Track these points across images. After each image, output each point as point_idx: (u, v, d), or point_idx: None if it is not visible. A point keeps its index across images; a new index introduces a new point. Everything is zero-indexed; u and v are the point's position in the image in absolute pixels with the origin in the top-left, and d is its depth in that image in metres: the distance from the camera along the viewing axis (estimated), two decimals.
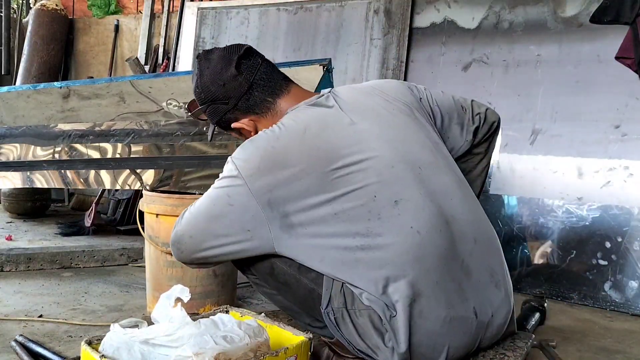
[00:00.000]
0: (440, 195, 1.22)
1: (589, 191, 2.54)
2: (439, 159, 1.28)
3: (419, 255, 1.15)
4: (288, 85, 1.37)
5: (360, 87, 1.41)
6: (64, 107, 2.47)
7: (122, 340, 1.17)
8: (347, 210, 1.16)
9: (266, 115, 1.34)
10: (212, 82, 1.33)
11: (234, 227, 1.21)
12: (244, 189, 1.19)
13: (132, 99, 2.33)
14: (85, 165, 2.44)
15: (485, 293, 1.23)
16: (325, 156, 1.19)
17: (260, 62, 1.35)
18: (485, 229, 1.29)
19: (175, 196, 2.01)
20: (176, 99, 2.24)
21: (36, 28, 4.45)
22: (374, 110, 1.30)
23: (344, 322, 1.23)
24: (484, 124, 1.44)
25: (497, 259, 1.29)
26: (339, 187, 1.17)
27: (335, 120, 1.25)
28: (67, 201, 4.65)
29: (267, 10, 3.66)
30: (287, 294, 1.36)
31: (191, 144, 2.24)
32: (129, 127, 2.39)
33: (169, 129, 2.32)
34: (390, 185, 1.18)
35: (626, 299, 2.38)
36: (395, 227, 1.16)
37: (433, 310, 1.15)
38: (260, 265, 1.35)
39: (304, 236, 1.19)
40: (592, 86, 2.59)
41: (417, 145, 1.26)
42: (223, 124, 1.40)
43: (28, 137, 2.63)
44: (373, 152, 1.20)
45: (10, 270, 2.61)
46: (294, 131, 1.23)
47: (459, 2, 2.99)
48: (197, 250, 1.26)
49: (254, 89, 1.32)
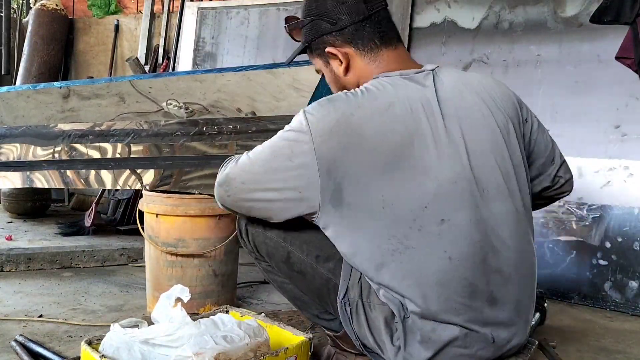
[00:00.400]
0: (490, 224, 1.14)
1: (589, 191, 2.54)
2: (510, 184, 1.18)
3: (444, 281, 1.11)
4: (398, 43, 1.26)
5: (468, 78, 1.27)
6: (64, 107, 2.46)
7: (122, 340, 1.17)
8: (395, 209, 1.10)
9: (365, 56, 1.24)
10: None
11: (287, 184, 1.15)
12: (309, 147, 1.11)
13: (132, 99, 2.33)
14: (85, 165, 2.43)
15: (507, 323, 1.19)
16: (398, 144, 1.11)
17: (385, 5, 1.26)
18: (525, 263, 1.21)
19: (175, 196, 2.01)
20: (176, 99, 2.23)
21: (36, 28, 4.45)
22: (469, 110, 1.19)
23: (357, 314, 1.20)
24: (556, 189, 1.37)
25: (527, 291, 1.23)
26: (397, 183, 1.10)
27: (422, 104, 1.14)
28: (67, 201, 4.64)
29: (267, 10, 3.66)
30: (301, 283, 1.32)
31: (191, 143, 2.24)
32: (129, 127, 2.39)
33: (168, 129, 2.31)
34: (443, 201, 1.11)
35: (626, 299, 2.38)
36: (429, 246, 1.11)
37: (448, 328, 1.13)
38: (275, 252, 1.31)
39: (347, 219, 1.14)
40: (592, 86, 2.59)
41: (493, 164, 1.16)
42: (317, 45, 1.27)
43: (28, 137, 2.62)
44: (442, 160, 1.12)
45: (10, 270, 2.61)
46: (377, 104, 1.13)
47: (459, 2, 2.99)
48: (245, 199, 1.22)
49: (369, 23, 1.22)
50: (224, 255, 2.05)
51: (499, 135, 1.19)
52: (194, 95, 2.21)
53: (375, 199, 1.11)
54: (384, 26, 1.25)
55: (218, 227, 2.01)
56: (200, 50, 3.92)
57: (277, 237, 1.31)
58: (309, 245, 1.27)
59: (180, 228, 1.98)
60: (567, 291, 2.51)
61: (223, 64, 3.80)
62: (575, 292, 2.49)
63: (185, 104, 2.24)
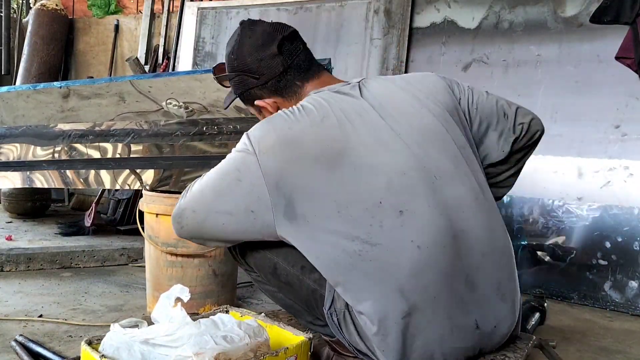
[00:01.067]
0: (452, 208, 1.16)
1: (589, 191, 2.54)
2: (460, 167, 1.20)
3: (417, 271, 1.11)
4: (319, 72, 1.34)
5: (394, 79, 1.33)
6: (63, 106, 2.46)
7: (122, 340, 1.17)
8: (351, 211, 1.12)
9: (291, 99, 1.32)
10: (249, 54, 1.30)
11: (239, 206, 1.17)
12: (255, 166, 1.15)
13: (132, 98, 2.32)
14: (85, 165, 2.44)
15: (490, 305, 1.20)
16: (339, 148, 1.14)
17: (301, 48, 1.32)
18: (497, 242, 1.22)
19: (175, 196, 2.00)
20: (176, 99, 2.23)
21: (36, 28, 4.45)
22: (401, 108, 1.23)
23: (345, 323, 1.21)
24: (524, 135, 1.33)
25: (506, 272, 1.23)
26: (346, 185, 1.12)
27: (355, 112, 1.20)
28: (67, 201, 4.65)
29: (267, 10, 3.66)
30: (289, 293, 1.34)
31: (191, 143, 2.24)
32: (129, 127, 2.39)
33: (168, 128, 2.31)
34: (398, 193, 1.13)
35: (626, 299, 2.38)
36: (395, 239, 1.11)
37: (430, 323, 1.13)
38: (262, 264, 1.33)
39: (305, 230, 1.15)
40: (592, 86, 2.59)
41: (438, 151, 1.19)
42: (246, 96, 1.36)
43: (28, 137, 2.63)
44: (387, 156, 1.15)
45: (10, 270, 2.61)
46: (312, 117, 1.18)
47: (459, 2, 2.99)
48: (198, 227, 1.23)
49: (288, 73, 1.30)
50: (223, 255, 2.05)
51: (437, 124, 1.22)
52: (193, 94, 2.21)
53: (328, 205, 1.13)
54: (303, 68, 1.31)
55: None
56: (200, 50, 3.92)
57: (264, 248, 1.31)
58: (294, 256, 1.25)
59: None
60: (567, 291, 2.51)
61: None
62: (575, 292, 2.49)
63: (185, 104, 2.24)
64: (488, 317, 1.19)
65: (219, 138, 2.20)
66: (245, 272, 1.44)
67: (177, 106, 2.24)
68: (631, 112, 2.49)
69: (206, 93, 2.20)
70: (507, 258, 1.24)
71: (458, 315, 1.15)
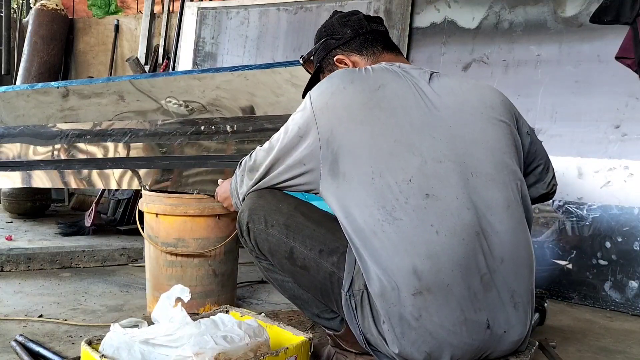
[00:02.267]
0: (481, 207, 1.18)
1: (589, 191, 2.54)
2: (501, 174, 1.23)
3: (432, 253, 1.12)
4: (399, 53, 1.44)
5: (467, 80, 1.38)
6: (63, 106, 2.46)
7: (122, 340, 1.17)
8: (383, 181, 1.16)
9: (369, 60, 1.39)
10: (337, 20, 1.43)
11: (296, 159, 1.27)
12: (312, 121, 1.23)
13: (131, 97, 2.33)
14: (83, 165, 2.44)
15: (502, 310, 1.20)
16: (384, 119, 1.20)
17: (385, 30, 1.44)
18: (519, 253, 1.23)
19: (175, 196, 2.01)
20: (175, 97, 2.24)
21: (36, 28, 4.45)
22: (461, 105, 1.27)
23: (361, 306, 1.20)
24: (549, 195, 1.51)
25: (523, 283, 1.24)
26: (384, 155, 1.17)
27: (414, 92, 1.25)
28: (67, 201, 4.65)
29: (267, 10, 3.66)
30: (303, 279, 1.32)
31: (189, 143, 2.25)
32: (127, 126, 2.39)
33: (167, 128, 2.32)
34: (428, 177, 1.16)
35: (626, 299, 2.38)
36: (415, 219, 1.13)
37: (441, 307, 1.13)
38: (277, 249, 1.32)
39: (343, 188, 1.20)
40: (592, 86, 2.59)
41: (484, 154, 1.23)
42: (328, 60, 1.44)
43: (26, 136, 2.63)
44: (429, 140, 1.19)
45: (10, 270, 2.61)
46: (369, 82, 1.24)
47: (459, 2, 2.99)
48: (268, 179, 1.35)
49: (371, 35, 1.40)
50: (223, 255, 2.05)
51: (492, 131, 1.26)
52: (192, 93, 2.21)
53: (365, 169, 1.17)
54: (384, 38, 1.42)
55: (218, 226, 2.01)
56: (200, 50, 3.92)
57: (280, 233, 1.32)
58: (312, 240, 1.28)
59: (179, 228, 1.98)
60: (567, 291, 2.51)
61: (223, 64, 3.80)
62: (575, 292, 2.49)
63: (185, 102, 2.24)
64: (499, 321, 1.19)
65: (216, 138, 2.20)
66: (255, 259, 1.44)
67: (177, 104, 2.25)
68: (631, 112, 2.49)
69: (205, 92, 2.21)
70: (526, 271, 1.25)
71: (470, 309, 1.15)
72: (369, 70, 1.28)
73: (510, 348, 1.26)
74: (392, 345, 1.16)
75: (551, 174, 1.48)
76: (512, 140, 1.30)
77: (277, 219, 1.32)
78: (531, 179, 1.44)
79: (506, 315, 1.20)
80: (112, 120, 2.41)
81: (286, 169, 1.30)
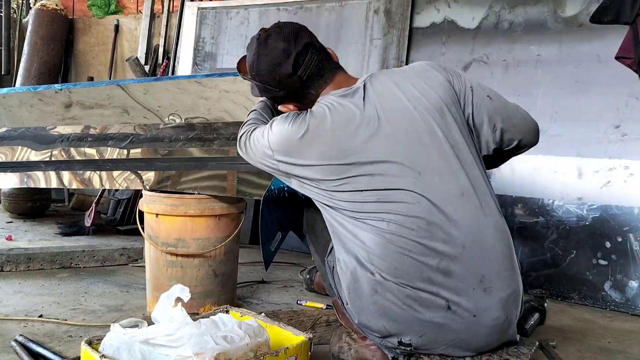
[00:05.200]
0: (434, 199, 1.28)
1: (589, 191, 2.54)
2: (449, 165, 1.31)
3: (381, 241, 1.29)
4: (334, 74, 1.46)
5: (395, 75, 1.44)
6: (65, 115, 2.48)
7: (122, 340, 1.17)
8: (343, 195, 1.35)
9: (308, 104, 1.46)
10: (267, 72, 1.44)
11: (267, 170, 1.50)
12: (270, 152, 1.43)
13: (136, 112, 2.34)
14: (83, 166, 2.44)
15: (468, 295, 1.28)
16: (337, 154, 1.34)
17: (315, 58, 1.43)
18: (485, 238, 1.30)
19: (175, 196, 2.01)
20: (179, 115, 2.26)
21: (36, 28, 4.44)
22: (395, 106, 1.36)
23: (335, 271, 1.45)
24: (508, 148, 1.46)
25: (493, 268, 1.30)
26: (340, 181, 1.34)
27: (353, 119, 1.35)
28: (67, 201, 4.64)
29: (267, 10, 3.66)
30: (317, 245, 1.66)
31: (188, 149, 2.24)
32: (127, 131, 2.39)
33: (166, 133, 2.32)
34: (377, 186, 1.30)
35: (626, 299, 2.38)
36: (371, 216, 1.31)
37: (387, 289, 1.29)
38: (310, 222, 1.68)
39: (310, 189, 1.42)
40: (592, 86, 2.59)
41: (425, 149, 1.32)
42: (269, 99, 1.62)
43: (27, 139, 2.63)
44: (374, 154, 1.32)
45: (10, 270, 2.61)
46: (316, 122, 1.36)
47: (459, 2, 2.99)
48: None
49: (305, 86, 1.44)
50: (223, 255, 2.05)
51: (429, 122, 1.34)
52: (197, 110, 2.24)
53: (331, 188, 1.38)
54: (318, 76, 1.45)
55: (218, 227, 2.01)
56: (200, 50, 3.92)
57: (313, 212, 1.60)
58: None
59: (180, 228, 1.98)
60: (567, 291, 2.51)
61: (223, 64, 3.80)
62: (575, 292, 2.49)
63: (187, 119, 2.26)
64: (464, 305, 1.28)
65: (217, 142, 2.20)
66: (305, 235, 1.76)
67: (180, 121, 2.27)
68: (631, 112, 2.49)
69: (211, 110, 2.21)
70: (494, 255, 1.31)
71: (423, 288, 1.29)
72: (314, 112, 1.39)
73: (490, 333, 1.32)
74: (353, 317, 1.39)
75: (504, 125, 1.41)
76: (455, 117, 1.36)
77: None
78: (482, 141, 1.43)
79: (474, 300, 1.28)
80: (112, 125, 2.42)
81: None
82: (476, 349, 1.34)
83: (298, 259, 3.03)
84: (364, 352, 1.46)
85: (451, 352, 1.33)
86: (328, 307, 2.14)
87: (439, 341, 1.31)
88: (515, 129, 1.42)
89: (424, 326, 1.29)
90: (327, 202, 1.39)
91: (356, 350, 1.48)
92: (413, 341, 1.32)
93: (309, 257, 2.97)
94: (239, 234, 2.10)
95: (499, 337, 1.35)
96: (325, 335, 1.81)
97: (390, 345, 1.36)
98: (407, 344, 1.32)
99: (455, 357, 1.34)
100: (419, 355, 1.34)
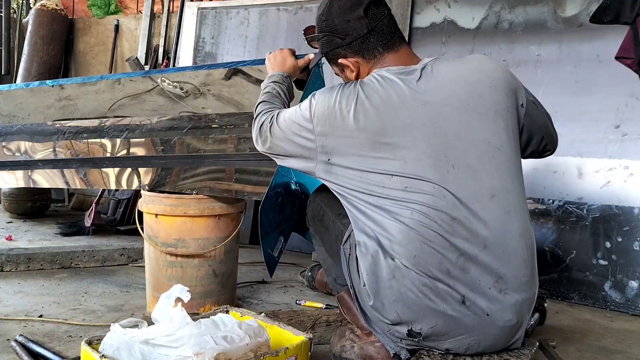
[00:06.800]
0: (461, 196, 1.27)
1: (589, 191, 2.54)
2: (485, 165, 1.30)
3: (404, 229, 1.27)
4: (401, 44, 1.44)
5: (466, 67, 1.41)
6: (60, 95, 2.48)
7: (122, 340, 1.17)
8: (370, 178, 1.31)
9: (370, 62, 1.44)
10: (337, 16, 1.42)
11: (295, 151, 1.43)
12: (310, 125, 1.37)
13: (126, 79, 2.36)
14: (80, 164, 2.44)
15: (483, 294, 1.27)
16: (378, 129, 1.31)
17: (385, 14, 1.43)
18: (508, 241, 1.29)
19: (175, 196, 2.01)
20: (168, 79, 2.29)
21: (36, 28, 4.45)
22: (451, 101, 1.33)
23: (351, 258, 1.40)
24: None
25: (511, 270, 1.29)
26: (371, 161, 1.31)
27: (401, 98, 1.32)
28: (67, 201, 4.65)
29: (267, 10, 3.66)
30: (325, 237, 1.61)
31: (185, 140, 2.25)
32: (123, 123, 2.39)
33: (162, 125, 2.32)
34: (408, 174, 1.28)
35: (626, 299, 2.38)
36: (395, 205, 1.29)
37: (405, 275, 1.27)
38: (316, 213, 1.64)
39: (338, 173, 1.37)
40: (592, 86, 2.59)
41: (466, 146, 1.31)
42: (331, 56, 1.50)
43: (24, 134, 2.63)
44: (408, 140, 1.29)
45: (10, 270, 2.61)
46: (366, 92, 1.34)
47: (459, 2, 2.99)
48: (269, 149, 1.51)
49: (372, 35, 1.41)
50: (223, 255, 2.05)
51: (476, 123, 1.32)
52: (184, 75, 2.31)
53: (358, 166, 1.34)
54: (386, 33, 1.42)
55: (217, 227, 2.01)
56: (200, 50, 3.92)
57: (320, 203, 1.63)
58: (335, 206, 1.51)
59: (179, 228, 1.98)
60: (567, 291, 2.51)
61: None
62: (575, 292, 2.49)
63: (179, 83, 2.28)
64: (478, 302, 1.27)
65: (213, 134, 2.20)
66: (309, 228, 1.73)
67: (172, 85, 2.29)
68: (631, 112, 2.49)
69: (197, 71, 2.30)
70: (517, 261, 1.31)
71: (440, 282, 1.26)
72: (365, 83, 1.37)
73: (500, 334, 1.31)
74: (368, 299, 1.35)
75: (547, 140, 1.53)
76: (503, 124, 1.35)
77: (322, 197, 1.62)
78: (528, 150, 1.51)
79: (488, 299, 1.27)
80: (108, 117, 2.43)
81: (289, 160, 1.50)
82: (481, 349, 1.33)
83: (298, 259, 3.03)
84: (368, 349, 1.46)
85: (457, 347, 1.32)
86: (328, 307, 2.14)
87: (449, 334, 1.30)
88: (551, 143, 1.56)
89: (437, 316, 1.28)
90: (353, 187, 1.34)
91: (360, 347, 1.48)
92: (423, 330, 1.30)
93: (309, 257, 2.98)
94: (238, 234, 2.10)
95: (506, 339, 1.34)
96: (325, 335, 1.81)
97: (398, 334, 1.34)
98: (416, 332, 1.31)
99: (457, 355, 1.33)
100: (421, 354, 1.34)
